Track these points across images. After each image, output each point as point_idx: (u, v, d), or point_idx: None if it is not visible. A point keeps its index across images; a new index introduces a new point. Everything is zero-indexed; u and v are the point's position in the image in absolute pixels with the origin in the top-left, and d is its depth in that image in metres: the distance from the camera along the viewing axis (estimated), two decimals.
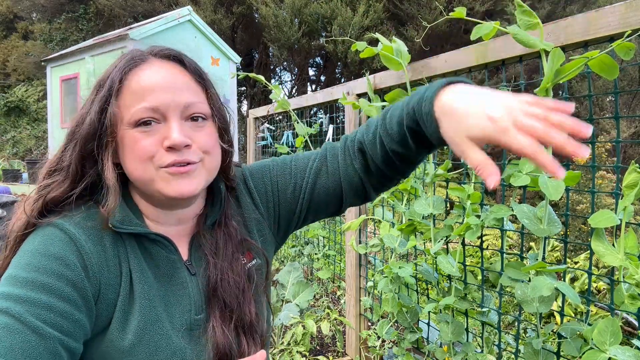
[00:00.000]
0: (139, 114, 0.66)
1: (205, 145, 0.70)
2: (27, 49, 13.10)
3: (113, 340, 0.66)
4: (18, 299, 0.58)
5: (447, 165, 1.28)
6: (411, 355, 1.58)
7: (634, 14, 0.89)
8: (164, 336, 0.68)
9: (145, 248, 0.72)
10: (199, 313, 0.74)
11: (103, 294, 0.66)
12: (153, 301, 0.69)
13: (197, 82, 0.73)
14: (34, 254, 0.62)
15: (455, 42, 10.10)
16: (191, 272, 0.75)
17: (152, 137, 0.66)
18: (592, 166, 1.03)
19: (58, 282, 0.60)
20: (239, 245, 0.80)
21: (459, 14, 1.09)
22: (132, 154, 0.67)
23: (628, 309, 0.89)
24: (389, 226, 1.59)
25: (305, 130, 2.28)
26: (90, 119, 0.68)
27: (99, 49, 8.02)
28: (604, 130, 7.82)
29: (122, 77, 0.69)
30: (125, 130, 0.68)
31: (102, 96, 0.69)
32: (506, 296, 2.38)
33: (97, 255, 0.66)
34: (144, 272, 0.70)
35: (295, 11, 10.25)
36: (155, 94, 0.67)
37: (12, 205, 3.88)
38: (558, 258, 3.58)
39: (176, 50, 0.74)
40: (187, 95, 0.69)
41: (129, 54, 0.73)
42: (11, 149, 11.53)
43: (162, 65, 0.71)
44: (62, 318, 0.59)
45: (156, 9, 11.04)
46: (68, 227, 0.66)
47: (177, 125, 0.67)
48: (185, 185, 0.67)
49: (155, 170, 0.67)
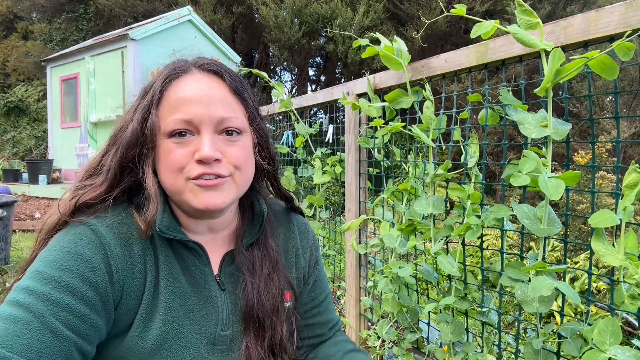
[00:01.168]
0: (173, 125, 0.67)
1: (237, 160, 0.70)
2: (27, 49, 13.09)
3: (132, 346, 0.66)
4: (42, 296, 0.58)
5: (447, 165, 1.28)
6: (411, 355, 1.58)
7: (634, 14, 0.89)
8: (184, 347, 0.69)
9: (181, 256, 0.73)
10: (225, 329, 0.74)
11: (124, 300, 0.66)
12: (177, 311, 0.70)
13: (235, 97, 0.73)
14: (62, 251, 0.63)
15: (455, 42, 10.10)
16: (221, 287, 0.76)
17: (185, 149, 0.68)
18: (592, 166, 1.03)
19: (82, 285, 0.61)
20: (276, 265, 0.81)
21: (459, 11, 1.09)
22: (164, 164, 0.69)
23: (628, 309, 0.89)
24: (389, 226, 1.59)
25: (306, 130, 2.28)
26: (132, 126, 0.69)
27: (99, 49, 8.02)
28: (605, 130, 7.82)
29: (162, 87, 0.70)
30: (161, 140, 0.69)
31: (145, 105, 0.70)
32: (506, 296, 2.38)
33: (123, 261, 0.66)
34: (176, 280, 0.71)
35: (296, 11, 10.25)
36: (191, 106, 0.68)
37: (12, 205, 3.88)
38: (558, 258, 3.58)
39: (220, 64, 0.75)
40: (222, 110, 0.69)
41: (173, 63, 0.74)
42: (11, 149, 11.52)
43: (202, 79, 0.71)
44: (81, 321, 0.60)
45: (156, 9, 11.04)
46: (100, 228, 0.66)
47: (208, 139, 0.67)
48: (212, 198, 0.68)
49: (184, 181, 0.68)
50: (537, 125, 0.99)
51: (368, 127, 1.77)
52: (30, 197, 7.28)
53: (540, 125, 0.99)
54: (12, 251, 4.00)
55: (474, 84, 1.28)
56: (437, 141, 1.39)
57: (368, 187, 1.94)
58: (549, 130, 0.98)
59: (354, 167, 1.92)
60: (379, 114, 1.58)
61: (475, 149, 1.30)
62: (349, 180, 1.96)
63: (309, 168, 2.44)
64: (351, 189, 1.95)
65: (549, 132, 0.97)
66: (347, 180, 1.99)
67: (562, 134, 0.98)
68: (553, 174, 0.96)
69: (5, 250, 3.73)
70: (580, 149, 5.93)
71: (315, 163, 2.23)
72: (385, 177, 1.73)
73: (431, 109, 1.35)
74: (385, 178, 1.73)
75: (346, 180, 2.00)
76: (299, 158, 2.51)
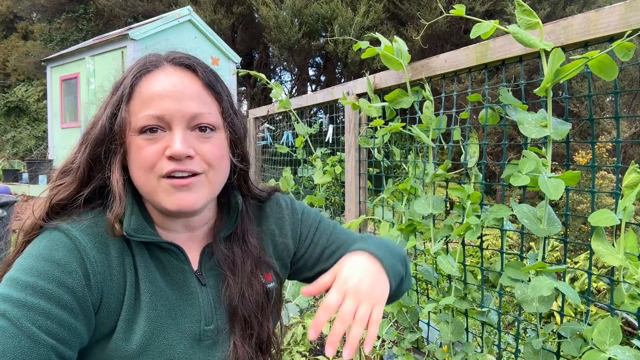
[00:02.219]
0: (144, 121, 0.66)
1: (210, 157, 0.68)
2: (27, 49, 13.09)
3: (117, 349, 0.65)
4: (17, 302, 0.57)
5: (447, 165, 1.28)
6: (411, 355, 1.57)
7: (634, 14, 0.89)
8: (169, 346, 0.68)
9: (157, 256, 0.72)
10: (209, 324, 0.73)
11: (105, 303, 0.65)
12: (160, 311, 0.69)
13: (208, 92, 0.70)
14: (37, 258, 0.62)
15: (455, 42, 10.10)
16: (201, 282, 0.75)
17: (155, 146, 0.66)
18: (592, 166, 1.03)
19: (58, 290, 0.60)
20: (258, 262, 0.79)
21: (459, 11, 1.09)
22: (135, 162, 0.67)
23: (628, 309, 0.89)
24: (388, 226, 1.58)
25: (305, 130, 2.28)
26: (102, 122, 0.68)
27: (99, 49, 8.02)
28: (605, 130, 7.82)
29: (133, 82, 0.68)
30: (132, 137, 0.67)
31: (115, 101, 0.68)
32: (506, 296, 2.38)
33: (101, 264, 0.65)
34: (154, 281, 0.70)
35: (296, 11, 10.25)
36: (162, 101, 0.66)
37: (12, 205, 3.88)
38: (558, 258, 3.58)
39: (192, 58, 0.72)
40: (195, 105, 0.67)
41: (144, 58, 0.72)
42: (11, 149, 11.52)
43: (174, 73, 0.69)
44: (59, 326, 0.59)
45: (156, 9, 11.03)
46: (74, 233, 0.65)
47: (180, 135, 0.65)
48: (185, 199, 0.66)
49: (156, 179, 0.66)
50: (537, 125, 0.99)
51: (368, 127, 1.77)
52: (30, 197, 7.28)
53: (540, 125, 0.99)
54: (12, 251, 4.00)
55: (474, 84, 1.27)
56: (437, 141, 1.39)
57: (368, 187, 1.94)
58: (548, 130, 0.98)
59: (354, 167, 1.92)
60: (379, 114, 1.58)
61: (475, 149, 1.30)
62: (349, 180, 1.96)
63: (309, 168, 2.44)
64: (351, 189, 1.95)
65: (548, 132, 0.97)
66: (347, 180, 1.99)
67: (562, 133, 0.98)
68: (553, 174, 0.96)
69: (5, 250, 3.73)
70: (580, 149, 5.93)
71: (316, 163, 2.23)
72: (385, 177, 1.73)
73: (431, 109, 1.35)
74: (385, 178, 1.73)
75: (346, 180, 2.00)
76: (299, 158, 2.51)
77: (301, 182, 2.86)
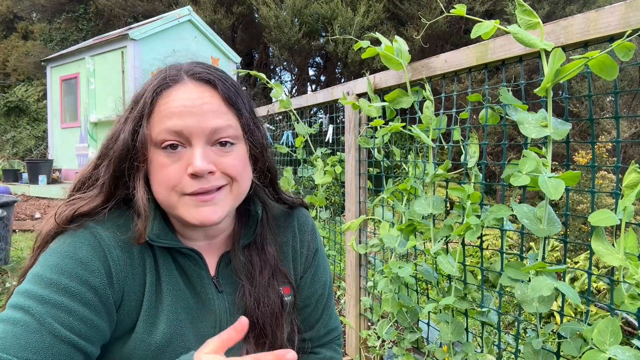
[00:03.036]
0: (163, 136, 0.66)
1: (231, 170, 0.68)
2: (27, 49, 13.08)
3: (136, 348, 0.67)
4: (41, 299, 0.59)
5: (447, 165, 1.28)
6: (411, 355, 1.57)
7: (634, 14, 0.89)
8: (186, 349, 0.69)
9: (178, 262, 0.73)
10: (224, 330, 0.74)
11: (126, 300, 0.67)
12: (180, 314, 0.70)
13: (228, 106, 0.70)
14: (62, 255, 0.63)
15: (455, 42, 10.10)
16: (218, 289, 0.76)
17: (177, 164, 0.66)
18: (592, 166, 1.03)
19: (81, 287, 0.61)
20: (275, 271, 0.80)
21: (459, 11, 1.09)
22: (157, 179, 0.67)
23: (628, 309, 0.89)
24: (388, 226, 1.58)
25: (306, 130, 2.28)
26: (123, 137, 0.68)
27: (99, 49, 8.02)
28: (605, 130, 7.82)
29: (153, 98, 0.68)
30: (153, 151, 0.67)
31: (135, 116, 0.68)
32: (506, 296, 2.38)
33: (123, 262, 0.67)
34: (176, 284, 0.71)
35: (296, 11, 10.25)
36: (181, 117, 0.66)
37: (12, 205, 3.88)
38: (558, 258, 3.58)
39: (213, 72, 0.72)
40: (214, 121, 0.67)
41: (164, 71, 0.71)
42: (11, 149, 11.52)
43: (194, 89, 0.69)
44: (81, 322, 0.60)
45: (156, 9, 11.04)
46: (100, 231, 0.67)
47: (200, 152, 0.65)
48: (207, 214, 0.67)
49: (178, 197, 0.67)
50: (537, 125, 0.99)
51: (368, 127, 1.77)
52: (30, 197, 7.28)
53: (540, 125, 0.99)
54: (12, 251, 4.00)
55: (474, 84, 1.28)
56: (437, 141, 1.39)
57: (368, 187, 1.94)
58: (548, 130, 0.97)
59: (354, 167, 1.92)
60: (379, 114, 1.57)
61: (475, 149, 1.30)
62: (349, 180, 1.96)
63: (309, 168, 2.44)
64: (351, 189, 1.95)
65: (548, 132, 0.97)
66: (347, 180, 1.99)
67: (562, 134, 0.98)
68: (553, 174, 0.96)
69: (5, 250, 3.73)
70: (580, 149, 5.93)
71: (317, 163, 2.23)
72: (385, 177, 1.73)
73: (431, 109, 1.35)
74: (385, 178, 1.73)
75: (346, 180, 2.00)
76: (299, 158, 2.51)
77: (301, 182, 2.86)
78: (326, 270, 0.92)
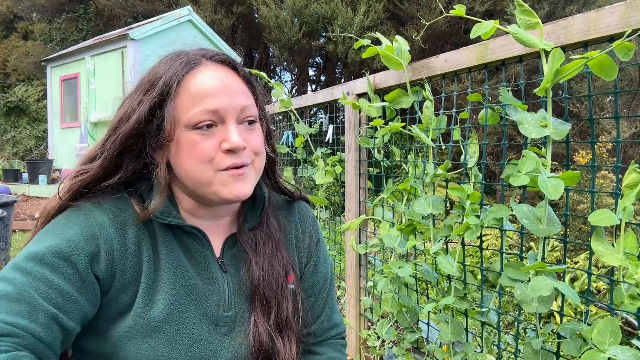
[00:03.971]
0: (199, 116, 0.68)
1: (257, 147, 0.73)
2: (27, 49, 13.08)
3: (135, 324, 0.68)
4: (25, 271, 0.62)
5: (447, 165, 1.28)
6: (411, 355, 1.58)
7: (634, 14, 0.89)
8: (185, 325, 0.71)
9: (181, 240, 0.75)
10: (227, 310, 0.76)
11: (118, 278, 0.69)
12: (179, 290, 0.72)
13: (248, 86, 0.75)
14: (52, 233, 0.67)
15: (455, 42, 10.10)
16: (223, 269, 0.78)
17: (211, 140, 0.69)
18: (592, 166, 1.03)
19: (63, 263, 0.64)
20: (279, 244, 0.83)
21: (458, 11, 1.09)
22: (190, 156, 0.69)
23: (628, 309, 0.89)
24: (388, 226, 1.59)
25: (306, 130, 2.28)
26: (138, 116, 0.69)
27: (99, 49, 8.02)
28: (605, 130, 7.82)
29: (180, 79, 0.70)
30: (182, 132, 0.69)
31: (154, 96, 0.69)
32: (506, 296, 2.38)
33: (117, 242, 0.69)
34: (177, 261, 0.73)
35: (296, 12, 10.25)
36: (214, 97, 0.69)
37: (12, 205, 3.88)
38: (558, 258, 3.58)
39: (228, 55, 0.76)
40: (242, 99, 0.71)
41: (184, 56, 0.74)
42: (11, 149, 11.52)
43: (218, 69, 0.72)
44: (59, 295, 0.62)
45: (156, 9, 11.03)
46: (95, 211, 0.69)
47: (235, 128, 0.69)
48: (241, 188, 0.70)
49: (213, 172, 0.69)
50: (537, 125, 0.99)
51: (368, 127, 1.77)
52: (30, 197, 7.28)
53: (539, 125, 0.99)
54: (12, 251, 4.00)
55: (474, 84, 1.28)
56: (436, 141, 1.39)
57: (368, 187, 1.94)
58: (548, 130, 0.98)
59: (354, 167, 1.92)
60: (379, 114, 1.58)
61: (475, 149, 1.30)
62: (349, 180, 1.96)
63: (309, 168, 2.44)
64: (351, 188, 1.95)
65: (548, 132, 0.97)
66: (347, 180, 1.99)
67: (561, 134, 0.98)
68: (552, 174, 0.96)
69: (5, 250, 3.73)
70: (580, 149, 5.93)
71: (318, 163, 2.23)
72: (385, 177, 1.73)
73: (431, 109, 1.35)
74: (385, 178, 1.73)
75: (346, 180, 2.00)
76: (299, 158, 2.51)
77: (301, 182, 2.86)
78: (327, 261, 0.94)
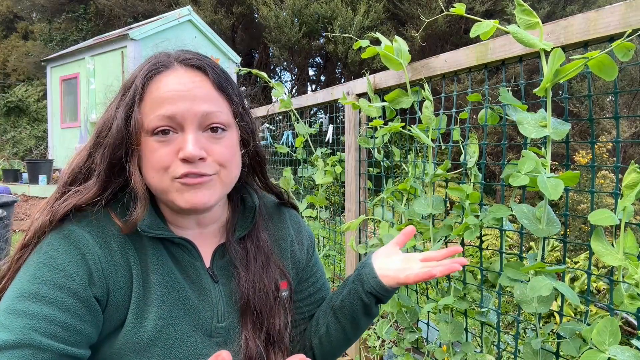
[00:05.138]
0: (156, 122, 0.66)
1: (222, 158, 0.69)
2: (27, 49, 13.09)
3: (128, 341, 0.66)
4: (21, 312, 0.59)
5: (447, 165, 1.28)
6: (410, 355, 1.58)
7: (634, 14, 0.89)
8: (179, 339, 0.69)
9: (171, 252, 0.73)
10: (221, 321, 0.74)
11: (112, 297, 0.66)
12: (171, 304, 0.69)
13: (219, 92, 0.71)
14: (38, 265, 0.63)
15: (455, 42, 10.09)
16: (214, 280, 0.76)
17: (168, 148, 0.66)
18: (592, 166, 1.03)
19: (59, 294, 0.61)
20: (269, 258, 0.81)
21: (458, 10, 1.09)
22: (149, 163, 0.67)
23: (627, 309, 0.89)
24: (388, 226, 1.58)
25: (306, 130, 2.28)
26: (117, 125, 0.67)
27: (99, 49, 8.02)
28: (605, 130, 7.81)
29: (144, 83, 0.68)
30: (145, 138, 0.67)
31: (127, 102, 0.68)
32: (505, 296, 2.38)
33: (104, 259, 0.66)
34: (169, 272, 0.71)
35: (296, 12, 10.25)
36: (173, 102, 0.66)
37: (12, 205, 3.88)
38: (558, 258, 3.58)
39: (203, 59, 0.72)
40: (205, 105, 0.67)
41: (154, 57, 0.72)
42: (11, 149, 11.52)
43: (184, 74, 0.69)
44: (63, 329, 0.60)
45: (156, 9, 11.03)
46: (77, 232, 0.66)
47: (192, 137, 0.66)
48: (198, 197, 0.67)
49: (170, 181, 0.67)
50: (537, 125, 0.99)
51: (368, 127, 1.77)
52: (30, 197, 7.28)
53: (539, 125, 0.99)
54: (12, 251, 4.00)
55: (473, 84, 1.27)
56: (436, 141, 1.39)
57: (368, 187, 1.94)
58: (548, 130, 0.97)
59: (354, 167, 1.92)
60: (379, 114, 1.57)
61: (475, 149, 1.30)
62: (349, 180, 1.96)
63: (309, 168, 2.44)
64: (351, 188, 1.95)
65: (548, 132, 0.97)
66: (347, 180, 1.99)
67: (561, 134, 0.98)
68: (552, 174, 0.96)
69: (5, 250, 3.73)
70: (580, 149, 5.92)
71: (318, 164, 2.22)
72: (385, 177, 1.73)
73: (431, 109, 1.35)
74: (385, 178, 1.73)
75: (346, 180, 2.00)
76: (299, 158, 2.51)
77: (301, 182, 2.86)
78: (322, 268, 0.95)
